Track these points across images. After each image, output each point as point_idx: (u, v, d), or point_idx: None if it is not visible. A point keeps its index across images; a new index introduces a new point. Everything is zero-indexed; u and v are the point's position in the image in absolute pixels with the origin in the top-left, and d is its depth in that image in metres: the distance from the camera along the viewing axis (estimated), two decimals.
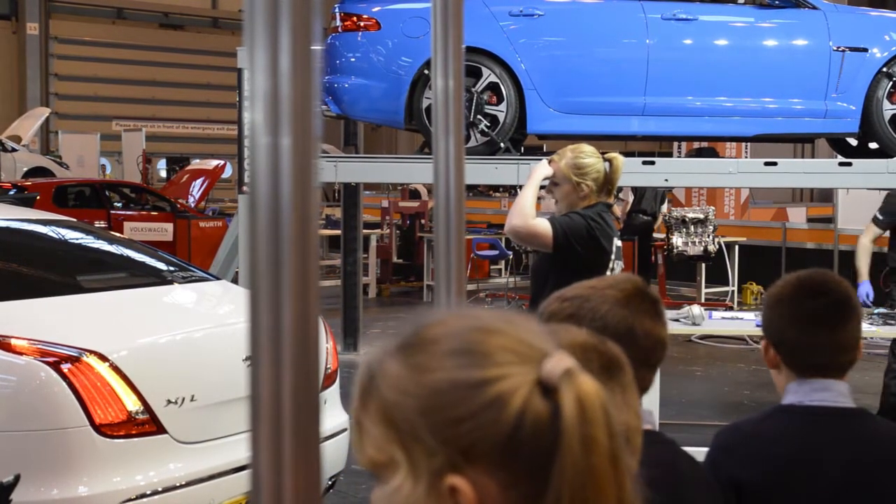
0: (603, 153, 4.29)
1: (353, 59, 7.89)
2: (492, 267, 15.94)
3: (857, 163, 8.03)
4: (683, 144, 15.46)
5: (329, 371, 4.82)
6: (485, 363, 0.99)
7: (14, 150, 19.24)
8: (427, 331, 1.05)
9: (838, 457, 2.02)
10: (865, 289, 7.10)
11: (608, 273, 4.10)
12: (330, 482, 4.84)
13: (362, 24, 7.86)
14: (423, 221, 15.73)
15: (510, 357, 0.99)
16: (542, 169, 4.26)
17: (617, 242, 4.21)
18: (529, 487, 0.96)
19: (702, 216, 11.96)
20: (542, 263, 4.27)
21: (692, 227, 11.91)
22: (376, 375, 1.04)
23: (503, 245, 13.75)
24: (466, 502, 0.96)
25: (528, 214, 4.13)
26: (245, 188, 8.95)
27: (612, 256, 4.15)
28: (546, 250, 4.15)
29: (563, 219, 4.13)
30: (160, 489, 3.88)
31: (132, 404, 3.82)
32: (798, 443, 2.05)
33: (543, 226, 4.10)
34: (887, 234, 7.41)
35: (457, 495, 0.96)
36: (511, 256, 14.11)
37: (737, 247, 13.49)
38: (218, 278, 5.48)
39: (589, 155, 4.21)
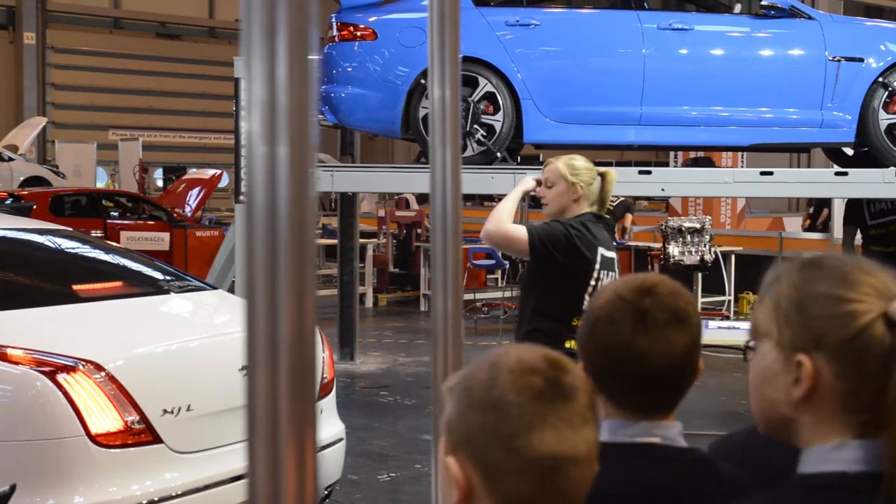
0: (595, 162, 4.31)
1: (349, 69, 7.90)
2: (488, 276, 15.94)
3: (853, 172, 8.05)
4: (680, 154, 15.48)
5: (325, 381, 4.81)
6: (851, 288, 1.38)
7: (11, 159, 19.22)
8: (821, 257, 1.46)
9: None
10: None
11: (592, 284, 4.00)
12: (326, 492, 4.83)
13: (359, 33, 7.87)
14: (419, 231, 15.73)
15: (870, 290, 1.38)
16: (525, 182, 4.25)
17: (607, 253, 4.10)
18: (851, 384, 1.36)
19: (698, 226, 11.97)
20: (528, 275, 4.23)
21: (689, 237, 11.92)
22: (777, 276, 1.46)
23: (500, 255, 13.75)
24: (806, 375, 1.37)
25: (504, 219, 4.08)
26: (242, 197, 8.95)
27: (597, 266, 4.03)
28: (523, 256, 4.12)
29: (541, 225, 4.07)
30: (156, 499, 3.87)
31: (128, 414, 3.81)
32: (790, 453, 2.03)
33: (518, 230, 4.04)
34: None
35: (800, 369, 1.37)
36: (507, 266, 14.11)
37: (733, 256, 13.50)
38: (214, 288, 5.47)
39: (582, 160, 4.22)
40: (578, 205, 4.12)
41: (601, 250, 4.06)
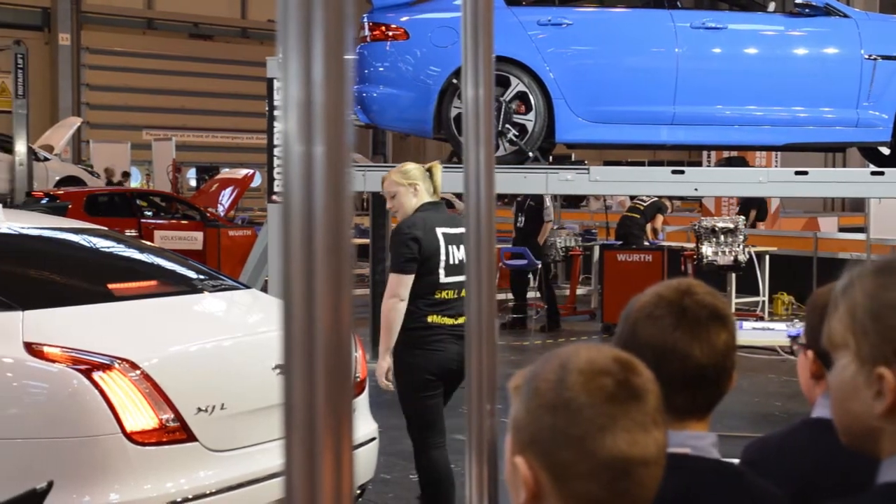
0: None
1: (381, 69, 7.91)
2: None
3: (890, 172, 7.97)
4: (713, 154, 15.39)
5: (358, 380, 4.83)
6: None
7: (46, 159, 19.40)
8: (894, 261, 1.38)
9: (867, 469, 1.96)
10: None
11: (442, 259, 4.76)
12: (359, 491, 4.84)
13: (391, 33, 7.88)
14: None
15: None
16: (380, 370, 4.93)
17: (449, 230, 4.82)
18: None
19: (732, 226, 11.89)
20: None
21: (722, 237, 11.84)
22: (850, 283, 1.39)
23: (532, 255, 13.72)
24: (888, 389, 1.30)
25: (390, 312, 4.76)
26: (275, 197, 8.98)
27: (442, 243, 4.78)
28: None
29: (393, 252, 4.80)
30: (191, 497, 3.89)
31: (163, 412, 3.84)
32: (825, 456, 1.99)
33: (397, 285, 4.72)
34: None
35: (882, 382, 1.30)
36: (539, 266, 14.08)
37: (767, 257, 13.39)
38: (247, 287, 5.50)
39: (411, 164, 5.03)
40: (419, 198, 4.86)
41: (440, 229, 4.81)
